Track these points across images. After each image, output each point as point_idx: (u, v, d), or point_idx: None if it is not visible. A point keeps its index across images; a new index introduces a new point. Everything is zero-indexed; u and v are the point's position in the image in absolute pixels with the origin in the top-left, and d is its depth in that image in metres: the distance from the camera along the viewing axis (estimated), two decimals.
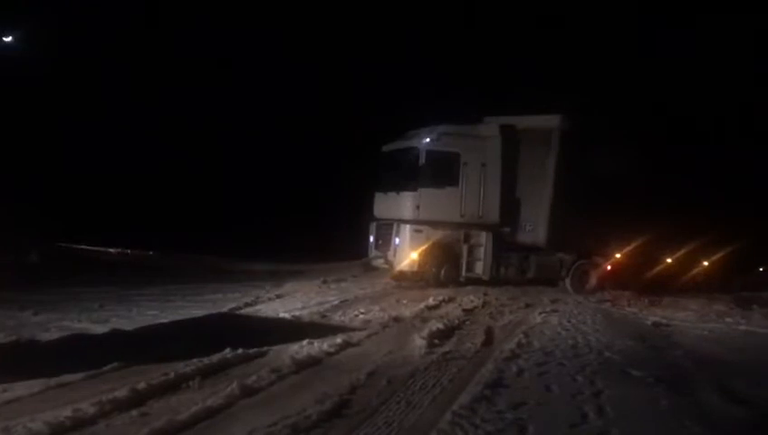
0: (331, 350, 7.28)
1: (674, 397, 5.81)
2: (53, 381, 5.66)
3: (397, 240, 14.56)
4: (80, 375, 5.87)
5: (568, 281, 15.67)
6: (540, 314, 10.84)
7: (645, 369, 6.82)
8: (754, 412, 5.48)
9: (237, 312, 10.31)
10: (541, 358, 7.26)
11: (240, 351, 6.88)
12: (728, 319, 11.38)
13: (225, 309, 10.37)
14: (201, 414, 4.89)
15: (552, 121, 15.17)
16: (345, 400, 5.37)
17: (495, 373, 6.39)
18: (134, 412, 4.96)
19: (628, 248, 15.71)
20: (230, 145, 27.07)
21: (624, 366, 6.99)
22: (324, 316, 9.89)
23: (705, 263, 17.92)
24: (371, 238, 15.68)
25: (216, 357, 6.60)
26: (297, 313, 10.10)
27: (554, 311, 11.29)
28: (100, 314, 9.03)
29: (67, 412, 4.75)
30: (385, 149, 15.74)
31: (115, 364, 6.18)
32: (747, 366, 7.63)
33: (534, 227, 15.20)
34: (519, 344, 7.94)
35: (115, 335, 7.89)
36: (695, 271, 17.60)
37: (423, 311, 10.63)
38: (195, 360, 6.40)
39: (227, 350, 6.83)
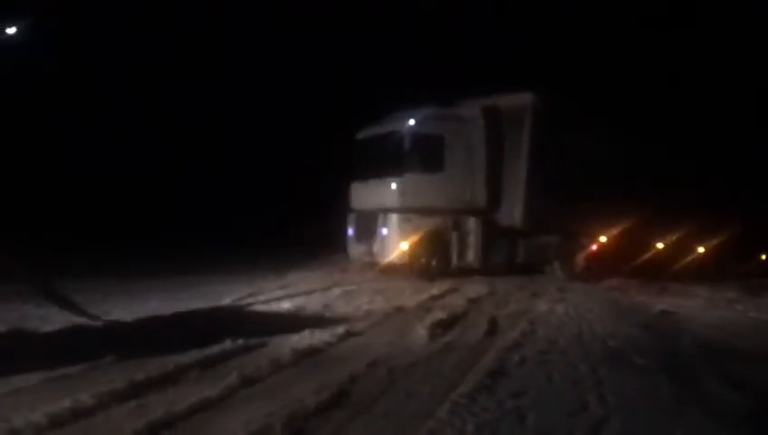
0: (333, 340, 7.25)
1: (676, 384, 5.76)
2: (53, 373, 5.66)
3: (383, 231, 13.93)
4: (79, 367, 5.87)
5: (557, 264, 15.54)
6: (546, 302, 10.76)
7: (649, 357, 6.76)
8: (754, 398, 5.40)
9: (240, 303, 10.29)
10: (544, 346, 7.19)
11: (240, 342, 6.87)
12: (737, 306, 11.27)
13: (227, 300, 10.36)
14: (199, 405, 4.87)
15: (524, 100, 14.79)
16: (344, 390, 5.32)
17: (497, 362, 6.34)
18: (132, 403, 4.95)
19: (613, 230, 15.51)
20: (204, 141, 27.08)
21: (628, 354, 6.90)
22: (327, 306, 9.85)
23: (701, 249, 17.71)
24: (350, 231, 15.09)
25: (215, 348, 6.59)
26: (300, 303, 10.08)
27: (561, 299, 11.17)
28: (102, 307, 9.00)
29: (66, 404, 4.75)
30: (360, 136, 15.10)
31: (114, 356, 6.18)
32: (752, 353, 7.51)
33: (511, 209, 14.80)
34: (523, 333, 7.88)
35: (115, 327, 7.90)
36: (689, 258, 17.43)
37: (427, 301, 10.57)
38: (194, 351, 6.40)
39: (227, 341, 6.82)
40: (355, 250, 14.99)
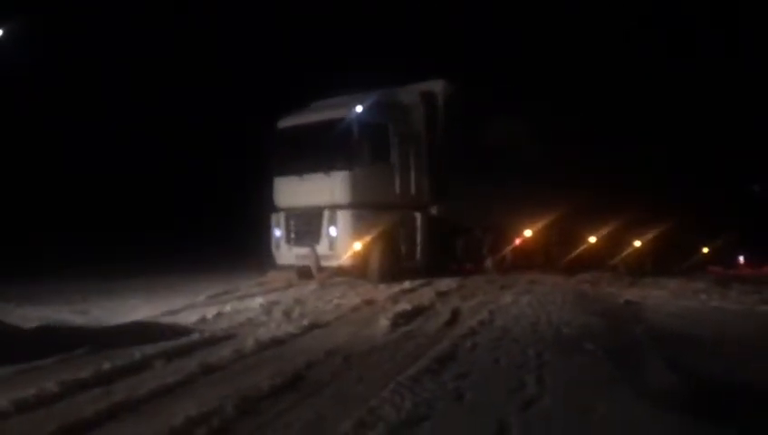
0: (297, 332, 7.58)
1: (618, 367, 6.00)
2: (25, 365, 5.97)
3: (332, 230, 12.53)
4: (50, 360, 6.18)
5: (489, 260, 15.27)
6: (512, 294, 11.03)
7: (599, 343, 6.98)
8: (693, 382, 5.62)
9: (214, 299, 10.61)
10: (498, 334, 7.49)
11: (208, 334, 7.20)
12: (702, 296, 11.44)
13: (202, 297, 10.68)
14: (160, 390, 5.20)
15: (435, 87, 14.34)
16: (299, 375, 5.64)
17: (449, 348, 6.64)
18: (97, 390, 5.25)
19: (539, 224, 15.33)
20: (204, 141, 27.07)
21: (579, 340, 7.17)
22: (299, 302, 10.14)
23: (637, 243, 17.71)
24: (278, 232, 13.49)
25: (183, 340, 6.94)
26: (273, 298, 10.40)
27: (527, 291, 11.43)
28: (82, 306, 9.34)
29: (32, 391, 5.04)
30: (286, 124, 13.65)
31: (87, 348, 6.49)
32: (703, 339, 7.74)
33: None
34: (481, 323, 8.18)
35: (92, 324, 8.20)
36: (625, 252, 17.36)
37: (397, 294, 10.84)
38: (162, 343, 6.74)
39: (196, 334, 7.15)
40: (287, 254, 13.44)
